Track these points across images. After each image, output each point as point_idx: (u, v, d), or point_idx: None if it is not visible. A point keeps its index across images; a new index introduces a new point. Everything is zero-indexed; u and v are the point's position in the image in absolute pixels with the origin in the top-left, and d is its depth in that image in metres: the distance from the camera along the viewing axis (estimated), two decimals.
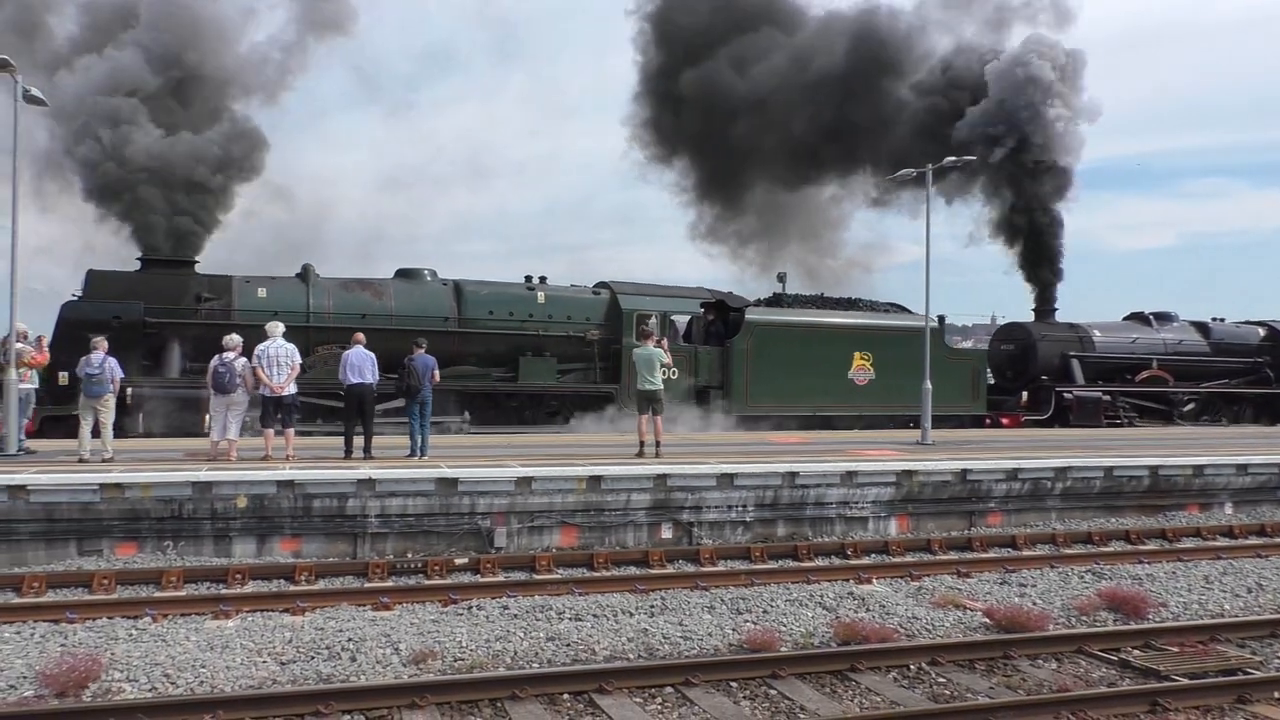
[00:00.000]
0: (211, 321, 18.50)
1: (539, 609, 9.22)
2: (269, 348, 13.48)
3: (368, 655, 7.77)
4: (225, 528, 11.45)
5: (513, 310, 20.61)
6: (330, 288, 19.82)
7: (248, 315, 18.59)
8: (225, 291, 19.17)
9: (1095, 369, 26.65)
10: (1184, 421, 27.34)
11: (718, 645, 8.33)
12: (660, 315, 21.25)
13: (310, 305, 19.37)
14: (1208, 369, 28.39)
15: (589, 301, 21.56)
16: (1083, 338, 26.96)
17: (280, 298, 19.23)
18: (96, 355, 13.11)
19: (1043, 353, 26.06)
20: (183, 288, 19.09)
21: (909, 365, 22.22)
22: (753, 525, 13.30)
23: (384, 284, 20.36)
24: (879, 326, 23.34)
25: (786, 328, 22.26)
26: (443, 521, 12.09)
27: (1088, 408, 25.45)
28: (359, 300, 19.79)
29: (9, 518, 10.82)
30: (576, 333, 20.69)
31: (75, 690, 6.80)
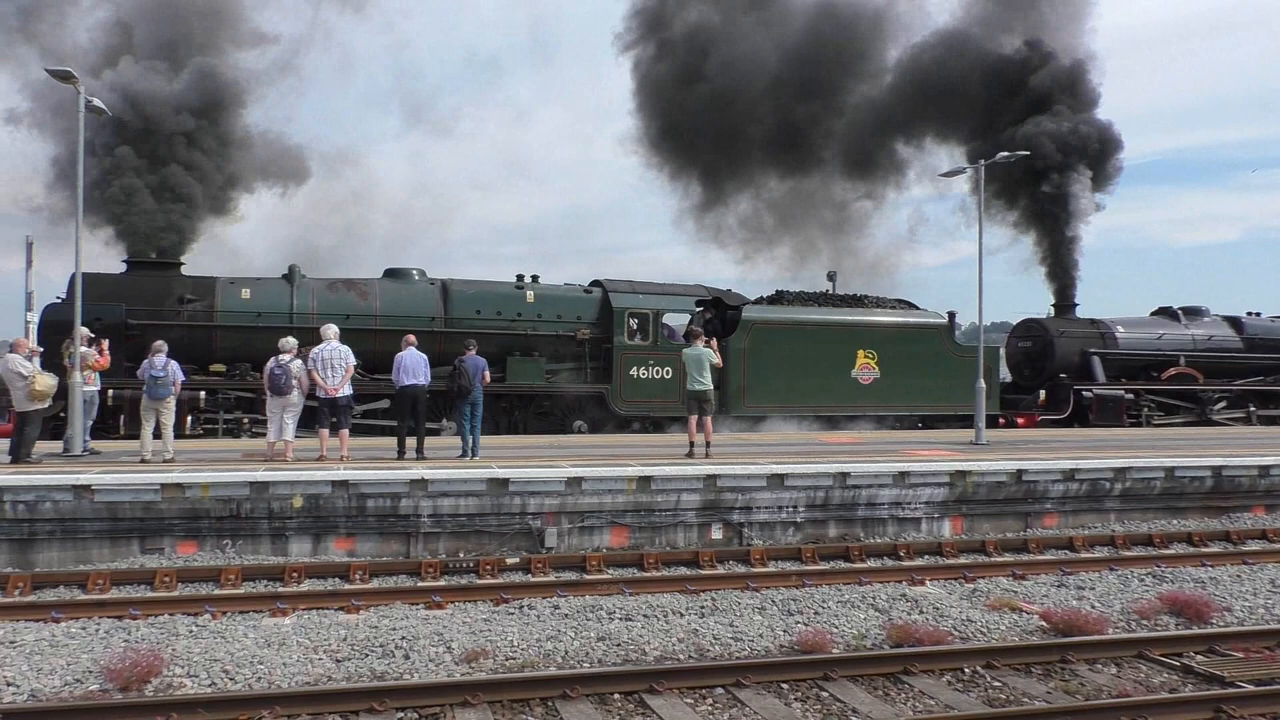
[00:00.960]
0: (194, 323, 18.58)
1: (589, 609, 9.25)
2: (324, 350, 13.68)
3: (421, 653, 7.86)
4: (282, 527, 11.65)
5: (500, 309, 20.27)
6: (315, 288, 19.65)
7: (230, 316, 18.74)
8: (209, 293, 19.10)
9: (1118, 366, 25.60)
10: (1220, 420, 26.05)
11: (769, 646, 8.29)
12: (653, 313, 20.71)
13: (294, 306, 19.23)
14: (1240, 365, 26.98)
15: (580, 300, 21.03)
16: (1104, 334, 25.89)
17: (264, 298, 19.19)
18: (159, 358, 13.42)
19: (1061, 350, 25.05)
20: (166, 289, 19.04)
21: (917, 364, 21.82)
22: (803, 526, 13.22)
23: (370, 284, 20.13)
24: (884, 324, 22.43)
25: (785, 326, 21.58)
26: (494, 521, 12.18)
27: (1109, 407, 24.42)
28: (344, 300, 19.57)
29: (75, 516, 11.12)
30: (566, 332, 20.23)
31: (138, 685, 6.97)
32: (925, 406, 22.49)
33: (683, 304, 21.68)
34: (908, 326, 22.54)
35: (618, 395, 20.21)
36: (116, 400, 17.52)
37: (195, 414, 18.17)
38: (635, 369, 20.23)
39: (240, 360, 18.77)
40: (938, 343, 22.49)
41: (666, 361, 20.15)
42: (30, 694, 6.88)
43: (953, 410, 22.43)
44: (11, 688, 6.94)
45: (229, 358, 18.80)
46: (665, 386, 20.26)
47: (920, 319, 22.91)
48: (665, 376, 20.30)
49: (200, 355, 18.71)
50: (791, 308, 22.61)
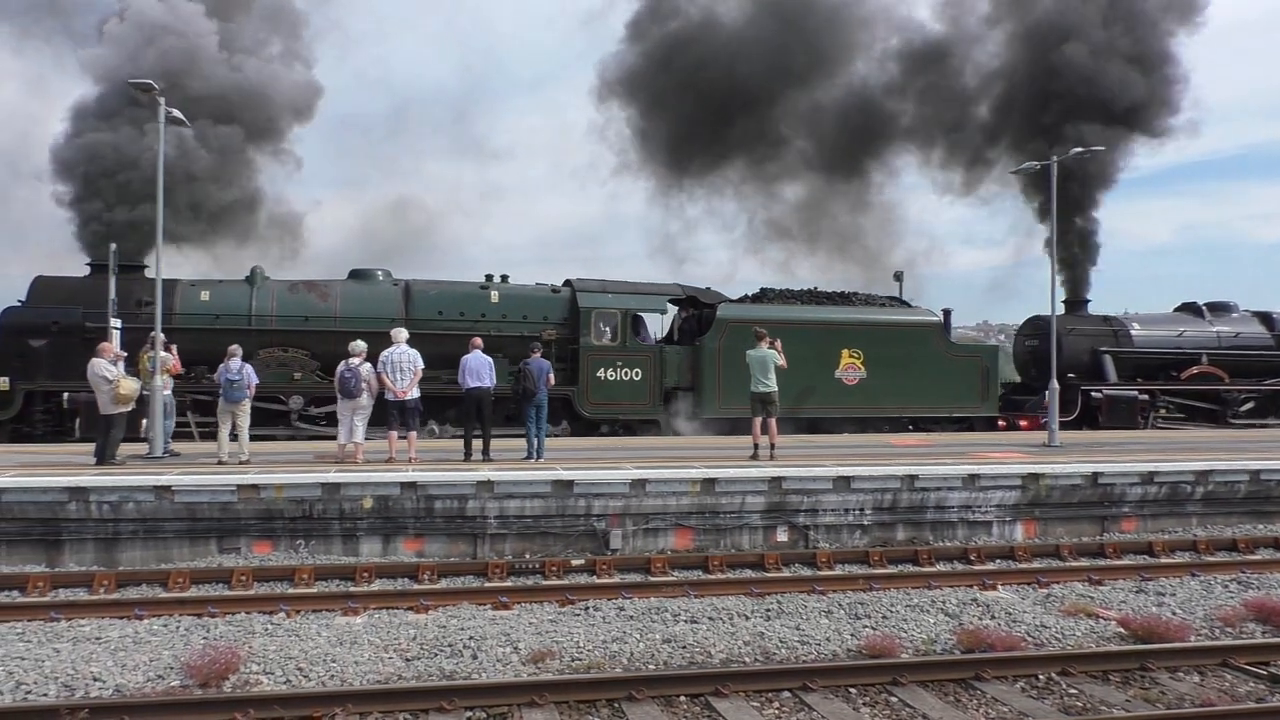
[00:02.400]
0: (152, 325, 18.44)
1: (654, 611, 9.25)
2: (393, 353, 13.91)
3: (488, 653, 7.94)
4: (353, 527, 11.88)
5: (464, 310, 19.80)
6: (276, 290, 19.54)
7: (188, 319, 18.78)
8: (168, 296, 18.75)
9: (1133, 365, 24.11)
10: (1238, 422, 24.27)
11: (836, 650, 8.21)
12: (621, 313, 20.00)
13: (253, 308, 19.14)
14: (1270, 363, 25.15)
15: (547, 300, 20.45)
16: (1117, 331, 24.47)
17: (223, 301, 19.19)
18: (234, 362, 13.78)
19: (1068, 348, 23.34)
20: (125, 293, 18.62)
21: (907, 364, 20.83)
22: (870, 529, 13.05)
23: (331, 285, 19.98)
24: (871, 322, 21.32)
25: (763, 324, 20.24)
26: (559, 523, 12.25)
27: (1120, 408, 22.98)
28: (304, 302, 19.42)
29: (156, 516, 11.47)
30: (532, 332, 19.38)
31: (217, 681, 7.15)
32: (916, 408, 21.40)
33: (653, 303, 20.93)
34: (897, 325, 21.49)
35: (584, 397, 19.60)
36: (72, 404, 17.75)
37: None
38: (603, 370, 19.62)
39: (198, 363, 18.75)
40: (930, 342, 21.38)
41: (636, 362, 19.55)
42: (115, 689, 7.11)
43: (947, 413, 21.47)
44: (98, 682, 7.18)
45: (187, 360, 18.51)
46: (634, 389, 19.56)
47: (910, 317, 21.88)
48: (634, 378, 19.63)
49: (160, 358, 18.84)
50: (769, 305, 21.65)
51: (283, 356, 18.78)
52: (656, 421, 20.10)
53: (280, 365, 18.75)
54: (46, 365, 18.04)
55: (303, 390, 18.68)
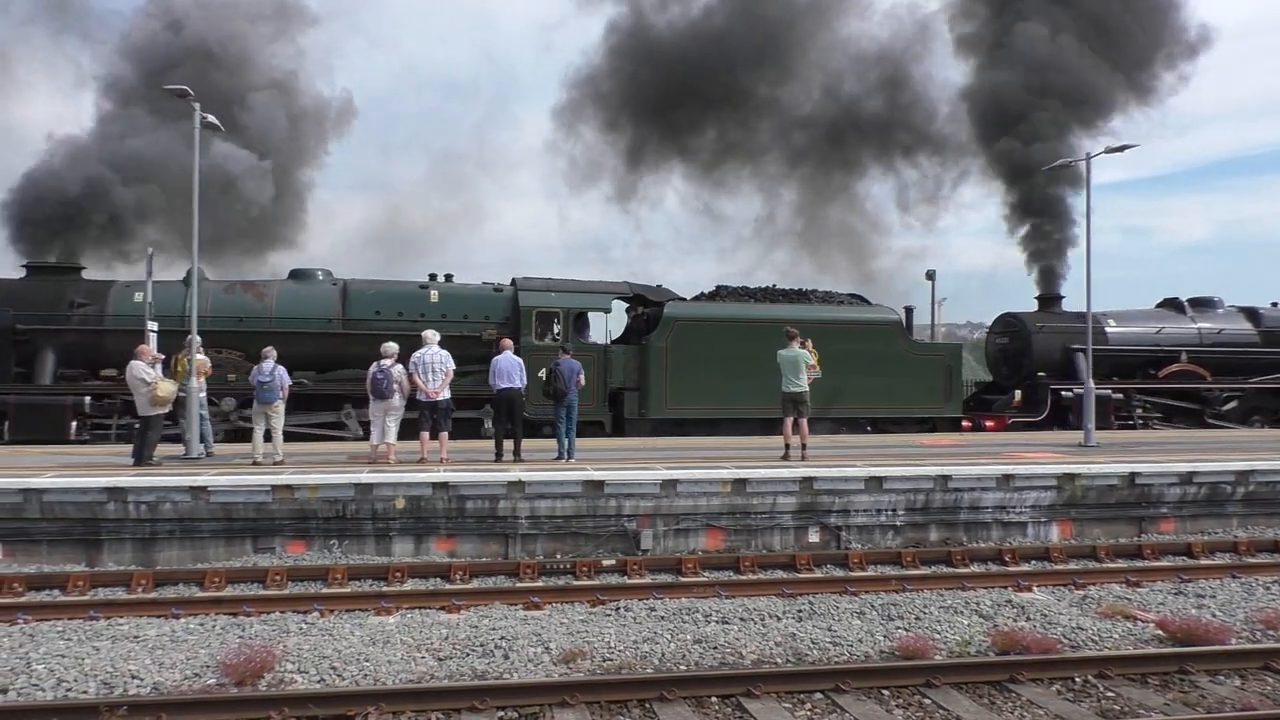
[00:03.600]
0: (84, 328, 18.64)
1: (685, 611, 9.23)
2: (424, 354, 14.00)
3: (520, 653, 7.96)
4: (385, 527, 11.96)
5: (402, 310, 19.54)
6: (212, 291, 19.37)
7: (121, 320, 18.63)
8: (102, 297, 19.08)
9: (1108, 364, 23.40)
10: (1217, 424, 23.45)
11: (868, 652, 8.15)
12: (563, 311, 19.67)
13: (186, 308, 18.57)
14: (1254, 362, 24.45)
15: (488, 299, 20.22)
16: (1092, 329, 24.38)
17: (157, 301, 18.75)
18: (267, 364, 13.92)
19: (1039, 346, 23.30)
20: (58, 295, 18.96)
21: (866, 363, 20.30)
22: (903, 529, 12.96)
23: (269, 285, 19.89)
24: (826, 320, 20.49)
25: (712, 323, 20.11)
26: (590, 523, 12.27)
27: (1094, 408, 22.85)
28: (239, 303, 19.27)
29: (193, 516, 11.61)
30: (471, 332, 19.17)
31: (252, 679, 7.23)
32: (876, 409, 20.91)
33: (597, 301, 20.53)
34: (855, 323, 20.83)
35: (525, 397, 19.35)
36: (2, 406, 17.86)
37: (81, 419, 18.18)
38: (543, 370, 19.48)
39: None
40: (890, 341, 20.89)
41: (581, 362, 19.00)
42: (153, 686, 7.20)
43: (908, 413, 20.97)
44: (136, 680, 7.28)
45: (120, 361, 18.28)
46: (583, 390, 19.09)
47: (869, 315, 21.33)
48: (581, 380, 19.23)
49: (91, 360, 18.92)
50: (717, 304, 21.16)
51: (216, 358, 18.41)
52: (601, 423, 19.71)
53: (214, 366, 18.22)
54: None
55: (235, 391, 18.50)
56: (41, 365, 18.54)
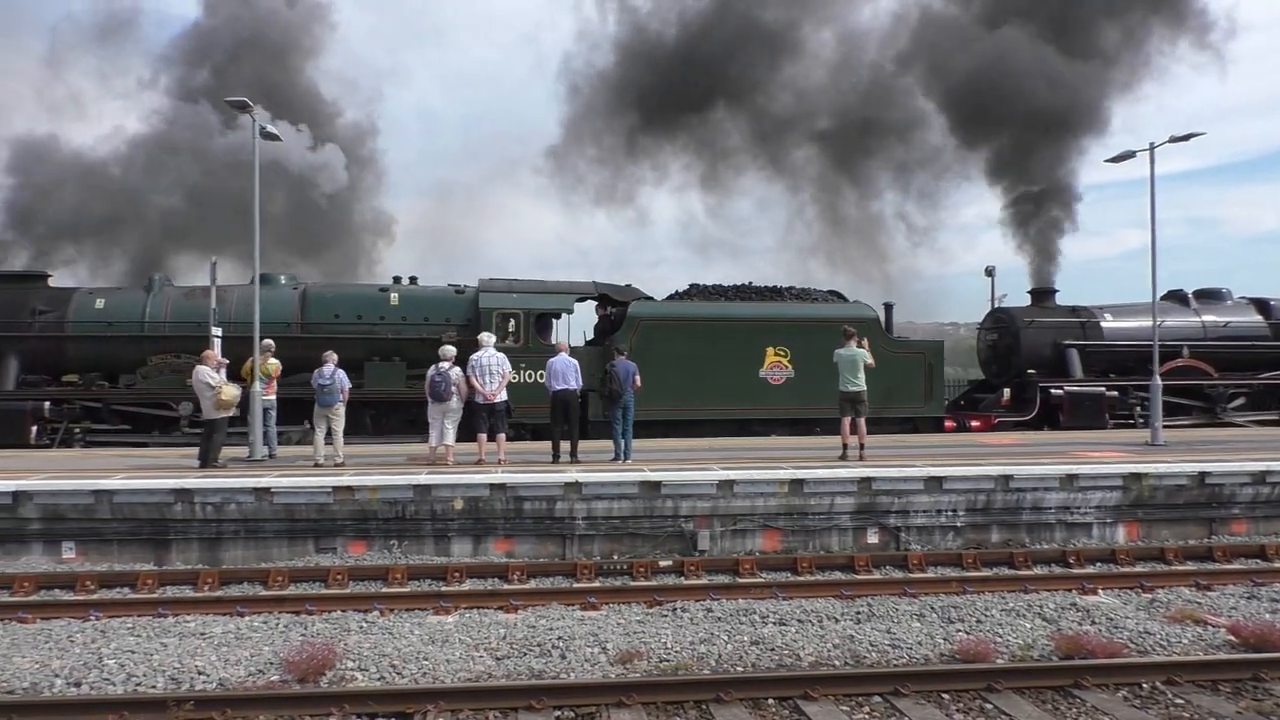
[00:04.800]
0: (45, 334, 18.91)
1: (743, 612, 9.19)
2: (481, 357, 14.13)
3: (577, 653, 7.99)
4: (444, 528, 12.09)
5: (362, 313, 19.46)
6: (172, 297, 19.56)
7: (82, 327, 18.97)
8: (64, 304, 19.33)
9: (1103, 360, 22.51)
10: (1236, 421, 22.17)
11: (928, 654, 8.04)
12: (524, 313, 19.26)
13: (147, 314, 19.22)
14: (1264, 356, 22.99)
15: (448, 301, 20.00)
16: (1085, 323, 22.83)
17: (117, 308, 19.29)
18: (327, 368, 14.16)
19: (1028, 342, 22.28)
20: (21, 302, 19.25)
21: None
22: (964, 531, 12.76)
23: (229, 291, 19.59)
24: (797, 318, 20.08)
25: (679, 322, 19.51)
26: (647, 524, 12.28)
27: (1084, 406, 21.31)
28: (199, 308, 18.90)
29: (256, 517, 11.86)
30: (431, 335, 18.65)
31: (314, 676, 7.35)
32: None
33: (558, 302, 19.99)
34: (825, 320, 19.78)
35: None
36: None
37: (41, 424, 18.36)
38: (521, 372, 18.80)
39: (93, 370, 19.10)
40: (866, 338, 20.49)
41: (539, 364, 17.64)
42: (219, 682, 7.36)
43: (886, 413, 20.04)
44: (203, 676, 7.45)
45: (81, 367, 19.13)
46: (538, 391, 17.02)
47: (842, 312, 20.38)
48: (539, 380, 17.81)
49: (53, 365, 19.21)
50: (683, 303, 20.63)
51: (175, 363, 18.75)
52: None
53: (173, 371, 18.77)
54: None
55: (192, 396, 18.18)
56: (4, 371, 18.95)
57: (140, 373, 18.75)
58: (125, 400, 18.86)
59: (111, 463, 14.50)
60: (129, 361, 18.95)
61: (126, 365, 19.00)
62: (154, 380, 18.75)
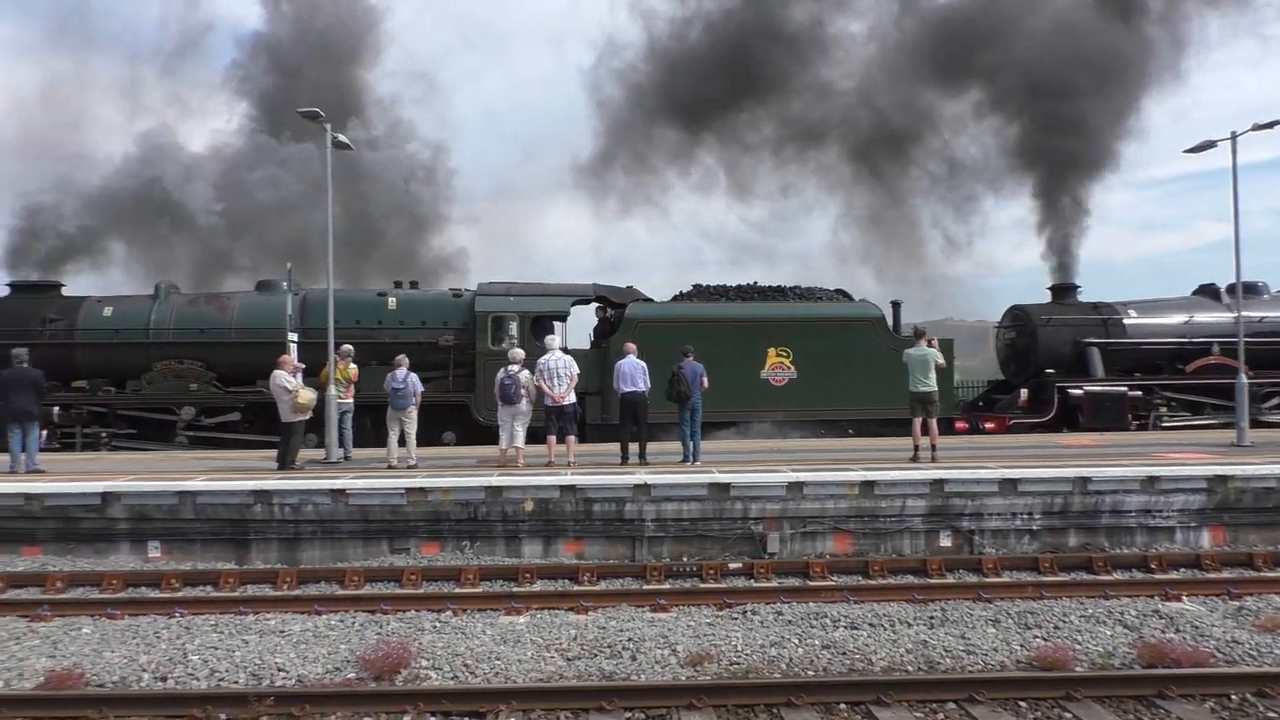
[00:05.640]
0: (55, 341, 19.31)
1: (813, 616, 9.12)
2: (549, 360, 14.25)
3: (647, 655, 8.00)
4: (515, 529, 12.21)
5: (359, 318, 19.25)
6: (177, 304, 19.93)
7: (90, 334, 19.45)
8: (73, 312, 19.81)
9: (1127, 359, 21.48)
10: None
11: (1003, 661, 7.88)
12: (519, 316, 19.15)
13: (152, 321, 19.57)
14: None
15: (446, 305, 19.91)
16: (1107, 320, 21.72)
17: (124, 315, 19.72)
18: (400, 371, 14.42)
19: (1045, 340, 21.30)
20: (33, 311, 19.77)
21: (845, 362, 19.03)
22: (1040, 534, 12.47)
23: (232, 297, 20.22)
24: (799, 318, 19.63)
25: (676, 323, 19.02)
26: (716, 526, 12.25)
27: (1105, 407, 20.25)
28: (202, 315, 19.68)
29: (332, 518, 12.13)
30: (428, 339, 18.90)
31: (389, 675, 7.49)
32: (857, 410, 19.57)
33: (555, 305, 19.84)
34: (830, 320, 19.66)
35: (480, 404, 18.63)
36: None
37: (52, 429, 18.75)
38: None
39: (100, 376, 19.49)
40: (870, 338, 19.51)
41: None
42: (298, 679, 7.54)
43: (894, 414, 18.99)
44: (282, 673, 7.64)
45: (90, 373, 19.55)
46: None
47: (846, 311, 20.09)
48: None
49: (63, 372, 19.46)
50: (681, 304, 20.31)
51: (179, 368, 19.11)
52: None
53: (176, 376, 19.14)
54: None
55: (195, 400, 19.04)
56: None
57: (145, 378, 19.24)
58: (130, 405, 19.31)
59: (193, 465, 14.95)
60: (135, 367, 19.40)
61: (133, 371, 19.45)
62: (158, 385, 19.19)
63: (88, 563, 11.81)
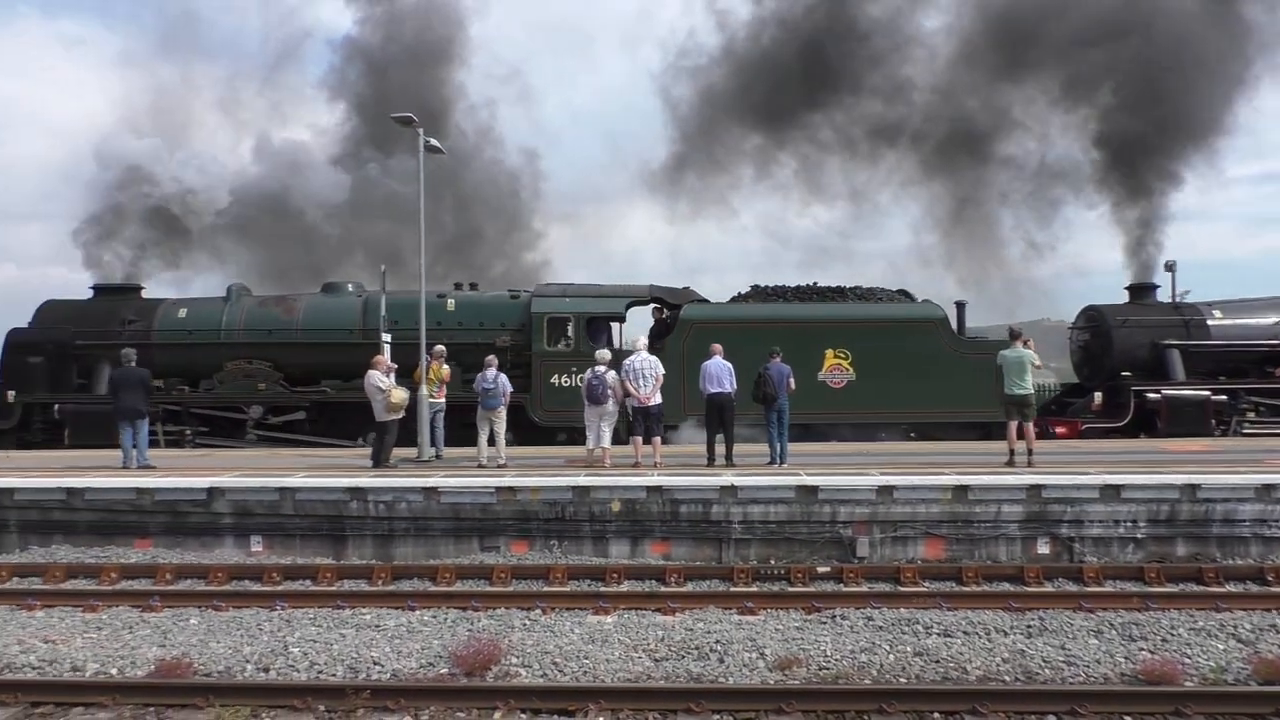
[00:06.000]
0: (133, 342, 19.34)
1: (904, 622, 8.96)
2: (635, 361, 14.28)
3: (734, 658, 7.96)
4: (602, 529, 12.26)
5: (418, 320, 19.15)
6: (247, 306, 20.44)
7: (165, 335, 20.10)
8: (150, 314, 20.49)
9: (1210, 361, 20.27)
10: None
11: (1106, 674, 7.61)
12: (574, 317, 19.10)
13: (224, 323, 20.13)
14: None
15: (503, 306, 19.95)
16: (1189, 321, 20.59)
17: (197, 317, 20.31)
18: (490, 372, 14.62)
19: (1120, 342, 20.25)
20: (114, 313, 20.50)
21: (905, 364, 18.26)
22: (1145, 543, 12.00)
23: (299, 299, 20.60)
24: (858, 319, 19.07)
25: (731, 324, 18.63)
26: (804, 529, 12.11)
27: (1185, 412, 19.16)
28: (269, 316, 20.16)
29: (425, 515, 12.35)
30: (485, 340, 18.82)
31: (480, 671, 7.60)
32: (918, 413, 18.99)
33: (610, 306, 19.72)
34: (890, 321, 19.07)
35: (536, 404, 18.81)
36: (60, 414, 19.36)
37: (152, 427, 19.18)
38: (556, 376, 18.75)
39: (175, 375, 19.98)
40: (933, 339, 18.88)
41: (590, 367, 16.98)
42: (392, 673, 7.71)
43: (957, 417, 18.79)
44: (378, 666, 7.82)
45: (165, 373, 19.87)
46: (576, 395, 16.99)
47: (906, 312, 19.47)
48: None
49: None
50: (736, 305, 19.94)
51: (248, 368, 19.55)
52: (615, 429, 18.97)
53: (245, 376, 19.62)
54: (43, 380, 19.92)
55: (262, 400, 19.53)
56: (97, 377, 20.18)
57: (216, 378, 19.91)
58: (202, 404, 19.99)
59: (293, 462, 15.40)
60: (207, 367, 20.04)
61: (205, 371, 20.10)
62: (228, 385, 19.83)
63: (194, 555, 12.27)
